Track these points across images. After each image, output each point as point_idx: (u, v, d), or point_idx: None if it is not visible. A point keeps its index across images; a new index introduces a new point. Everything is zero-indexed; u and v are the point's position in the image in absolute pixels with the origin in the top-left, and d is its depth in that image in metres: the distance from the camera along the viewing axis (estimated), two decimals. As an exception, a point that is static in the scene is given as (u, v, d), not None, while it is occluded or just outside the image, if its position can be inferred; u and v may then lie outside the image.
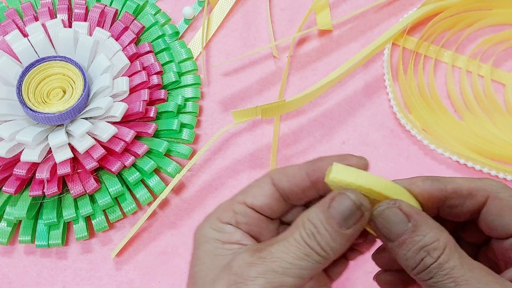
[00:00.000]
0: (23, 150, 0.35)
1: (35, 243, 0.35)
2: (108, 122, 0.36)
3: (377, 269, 0.36)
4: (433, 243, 0.21)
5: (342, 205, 0.22)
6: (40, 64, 0.37)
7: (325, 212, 0.22)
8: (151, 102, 0.39)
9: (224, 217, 0.24)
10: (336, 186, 0.23)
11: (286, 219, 0.26)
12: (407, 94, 0.41)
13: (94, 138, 0.36)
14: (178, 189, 0.39)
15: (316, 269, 0.22)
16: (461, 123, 0.40)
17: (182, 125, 0.39)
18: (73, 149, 0.35)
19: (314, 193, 0.25)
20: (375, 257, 0.28)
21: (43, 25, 0.39)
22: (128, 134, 0.36)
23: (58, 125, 0.36)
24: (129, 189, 0.37)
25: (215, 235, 0.24)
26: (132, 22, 0.41)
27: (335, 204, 0.22)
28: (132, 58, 0.40)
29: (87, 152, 0.35)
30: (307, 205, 0.26)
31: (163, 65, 0.41)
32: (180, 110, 0.40)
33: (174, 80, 0.40)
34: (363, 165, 0.24)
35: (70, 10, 0.41)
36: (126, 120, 0.37)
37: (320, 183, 0.24)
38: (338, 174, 0.22)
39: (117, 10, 0.42)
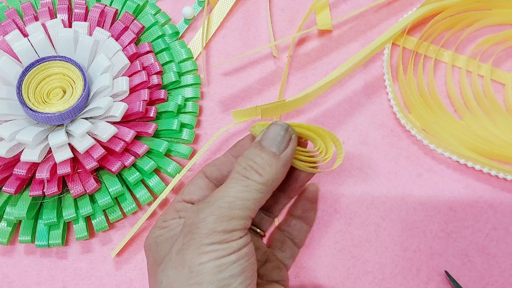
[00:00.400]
0: (23, 150, 0.35)
1: (35, 243, 0.35)
2: (108, 122, 0.36)
3: (376, 269, 0.37)
4: None
5: (272, 132, 0.25)
6: (40, 64, 0.37)
7: (258, 145, 0.25)
8: (151, 102, 0.39)
9: (168, 217, 0.26)
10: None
11: None
12: (406, 94, 0.41)
13: (94, 138, 0.36)
14: (178, 189, 0.39)
15: (259, 198, 0.24)
16: (461, 122, 0.40)
17: (182, 125, 0.39)
18: (73, 149, 0.35)
19: None
20: None
21: (43, 25, 0.39)
22: (128, 134, 0.36)
23: (58, 125, 0.36)
24: (129, 189, 0.37)
25: (162, 232, 0.26)
26: (132, 22, 0.41)
27: (266, 135, 0.25)
28: (132, 58, 0.40)
29: (87, 152, 0.35)
30: None
31: (163, 65, 0.41)
32: (180, 110, 0.40)
33: (174, 80, 0.40)
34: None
35: (70, 10, 0.41)
36: (126, 120, 0.37)
37: None
38: (260, 124, 0.26)
39: (117, 10, 0.42)
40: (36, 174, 0.34)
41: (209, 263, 0.23)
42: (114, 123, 0.36)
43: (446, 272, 0.36)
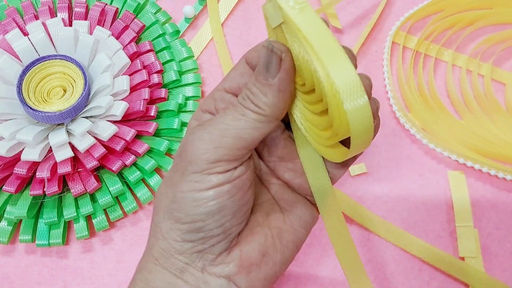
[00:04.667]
0: (23, 149, 0.35)
1: (36, 242, 0.35)
2: (108, 121, 0.36)
3: (378, 269, 0.37)
4: None
5: (261, 54, 0.22)
6: (40, 63, 0.36)
7: (256, 71, 0.22)
8: (151, 101, 0.39)
9: (205, 105, 0.25)
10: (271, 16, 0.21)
11: None
12: (406, 93, 0.41)
13: (94, 137, 0.36)
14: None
15: (257, 128, 0.22)
16: (461, 122, 0.40)
17: (183, 124, 0.39)
18: (73, 148, 0.35)
19: None
20: None
21: (44, 24, 0.39)
22: (129, 133, 0.36)
23: (59, 124, 0.36)
24: (129, 188, 0.37)
25: (195, 124, 0.25)
26: (132, 20, 0.41)
27: (260, 59, 0.22)
28: (133, 57, 0.39)
29: (88, 151, 0.35)
30: None
31: (163, 64, 0.41)
32: (180, 109, 0.40)
33: (174, 79, 0.40)
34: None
35: (70, 9, 0.41)
36: (126, 119, 0.37)
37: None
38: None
39: (117, 8, 0.42)
40: (37, 173, 0.34)
41: (188, 194, 0.22)
42: (114, 122, 0.36)
43: None
